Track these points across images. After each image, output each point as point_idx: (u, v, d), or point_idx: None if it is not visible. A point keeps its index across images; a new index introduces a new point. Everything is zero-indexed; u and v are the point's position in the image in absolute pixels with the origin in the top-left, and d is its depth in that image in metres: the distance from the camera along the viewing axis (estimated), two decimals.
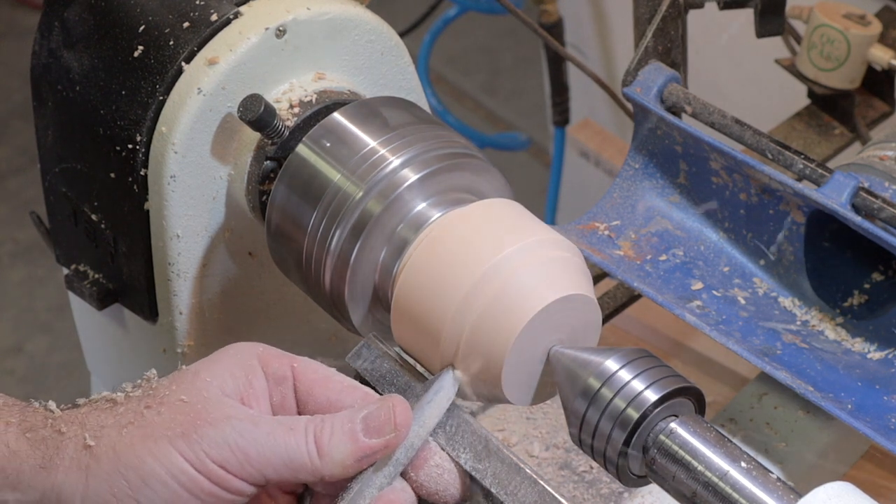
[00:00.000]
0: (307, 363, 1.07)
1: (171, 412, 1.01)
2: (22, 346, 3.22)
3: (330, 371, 1.07)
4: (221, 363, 1.05)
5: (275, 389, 1.05)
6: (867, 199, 1.30)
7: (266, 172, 1.23)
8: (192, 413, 1.01)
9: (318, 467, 1.01)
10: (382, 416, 1.03)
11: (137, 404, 1.02)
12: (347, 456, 1.01)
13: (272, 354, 1.06)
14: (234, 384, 1.04)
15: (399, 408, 1.03)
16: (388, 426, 1.03)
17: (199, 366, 1.05)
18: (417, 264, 1.10)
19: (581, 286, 1.08)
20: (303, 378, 1.06)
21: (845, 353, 1.35)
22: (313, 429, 1.02)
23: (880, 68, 1.61)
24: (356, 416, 1.03)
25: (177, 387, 1.03)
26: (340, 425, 1.02)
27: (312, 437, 1.01)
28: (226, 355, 1.06)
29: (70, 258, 1.38)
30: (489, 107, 3.79)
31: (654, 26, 1.43)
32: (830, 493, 0.97)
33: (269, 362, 1.05)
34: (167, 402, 1.01)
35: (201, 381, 1.03)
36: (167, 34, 1.23)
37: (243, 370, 1.04)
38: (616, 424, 1.02)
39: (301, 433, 1.01)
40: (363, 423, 1.02)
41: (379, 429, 1.02)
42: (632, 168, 1.46)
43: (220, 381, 1.03)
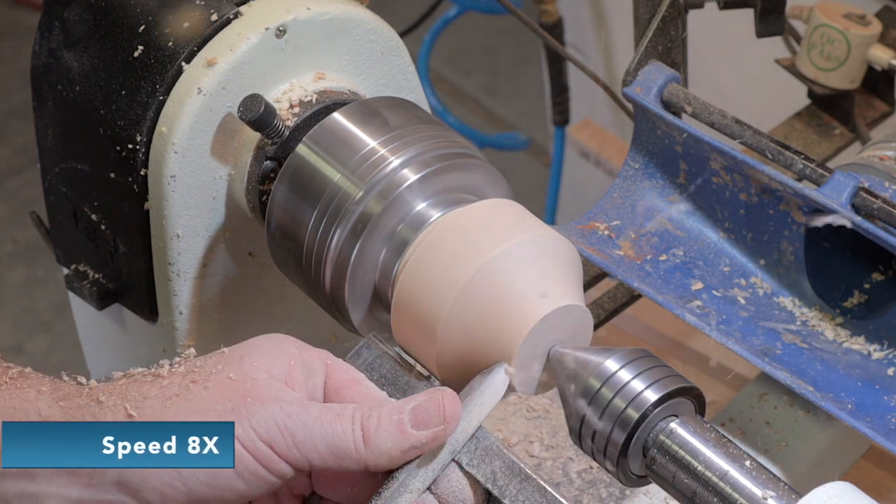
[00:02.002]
0: (339, 363, 1.06)
1: (219, 388, 1.00)
2: (22, 346, 3.22)
3: (360, 376, 1.06)
4: (265, 347, 1.04)
5: (309, 380, 1.04)
6: (867, 199, 1.30)
7: (266, 172, 1.23)
8: (242, 391, 1.00)
9: (363, 455, 1.00)
10: (431, 408, 1.02)
11: (182, 378, 1.01)
12: (393, 446, 1.01)
13: (308, 348, 1.06)
14: (280, 368, 1.02)
15: (448, 400, 1.02)
16: (437, 418, 1.02)
17: (242, 349, 1.04)
18: (418, 264, 1.10)
19: (577, 293, 1.09)
20: (333, 376, 1.05)
21: (845, 353, 1.35)
22: (360, 417, 1.01)
23: (880, 68, 1.61)
24: (405, 406, 1.02)
25: (223, 366, 1.01)
26: (388, 415, 1.01)
27: (359, 425, 1.00)
28: (267, 341, 1.05)
29: (70, 258, 1.38)
30: (489, 107, 3.79)
31: (654, 26, 1.43)
32: (830, 493, 0.97)
33: (306, 353, 1.05)
34: (214, 379, 1.00)
35: (248, 363, 1.02)
36: (167, 34, 1.23)
37: (285, 355, 1.04)
38: (616, 424, 1.02)
39: (348, 420, 1.00)
40: (411, 415, 1.01)
41: (427, 421, 1.01)
42: (632, 168, 1.46)
43: (268, 365, 1.02)
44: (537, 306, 1.06)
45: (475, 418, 1.05)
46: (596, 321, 1.52)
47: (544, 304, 1.06)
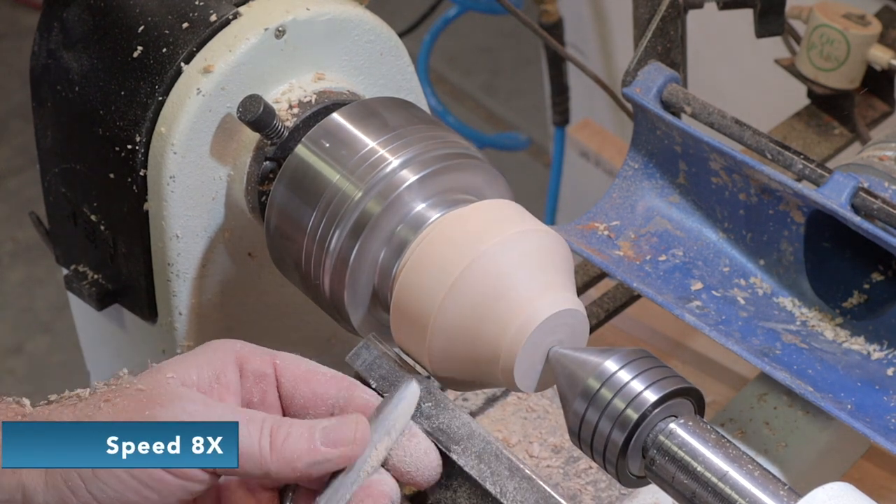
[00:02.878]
0: (289, 359, 1.07)
1: (125, 401, 1.01)
2: (22, 346, 3.22)
3: (313, 364, 1.07)
4: (189, 359, 1.05)
5: (255, 387, 1.06)
6: (867, 199, 1.30)
7: (265, 173, 1.23)
8: (146, 399, 1.01)
9: (267, 461, 1.01)
10: (343, 429, 1.03)
11: (98, 399, 1.02)
12: (299, 458, 1.02)
13: (252, 352, 1.07)
14: (199, 378, 1.04)
15: (360, 424, 1.04)
16: (347, 438, 1.03)
17: (166, 362, 1.05)
18: (417, 265, 1.10)
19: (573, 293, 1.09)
20: (286, 374, 1.06)
21: (845, 353, 1.35)
22: (270, 424, 1.02)
23: (880, 68, 1.61)
24: (317, 425, 1.03)
25: (138, 380, 1.03)
26: (299, 429, 1.02)
27: (268, 432, 1.02)
28: (198, 352, 1.06)
29: (70, 258, 1.38)
30: (489, 107, 3.79)
31: (653, 26, 1.43)
32: (830, 493, 0.97)
33: (249, 359, 1.06)
34: (124, 393, 1.02)
35: (162, 375, 1.03)
36: (166, 35, 1.23)
37: (211, 366, 1.05)
38: (615, 425, 1.02)
39: (257, 424, 1.02)
40: (322, 433, 1.03)
41: (336, 440, 1.03)
42: (631, 168, 1.46)
43: (183, 375, 1.04)
44: (538, 308, 1.07)
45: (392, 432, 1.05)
46: (596, 321, 1.52)
47: (545, 307, 1.07)
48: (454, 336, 1.08)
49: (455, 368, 1.10)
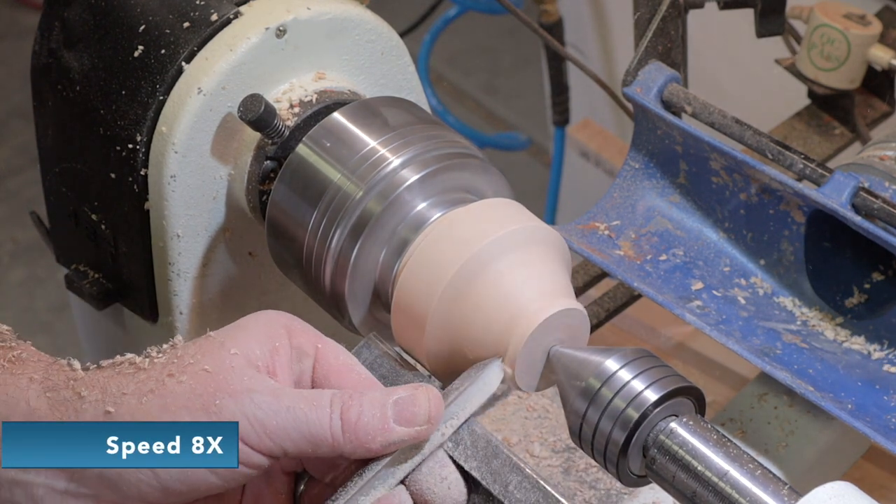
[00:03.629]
0: (331, 346, 1.05)
1: (193, 381, 0.99)
2: None
3: (352, 360, 1.05)
4: (248, 331, 1.02)
5: (295, 364, 1.03)
6: (867, 199, 1.30)
7: (266, 172, 1.24)
8: (214, 384, 0.99)
9: (340, 444, 0.99)
10: (417, 406, 1.00)
11: (160, 371, 1.00)
12: (373, 439, 0.99)
13: (299, 328, 1.04)
14: (261, 353, 1.01)
15: (434, 400, 1.01)
16: (422, 417, 1.00)
17: (224, 334, 1.02)
18: (417, 264, 1.10)
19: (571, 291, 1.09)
20: (323, 361, 1.04)
21: (845, 353, 1.35)
22: (339, 404, 0.99)
23: (880, 68, 1.61)
24: (388, 399, 1.00)
25: (202, 356, 1.00)
26: (371, 405, 0.99)
27: (339, 413, 0.99)
28: (253, 322, 1.04)
29: (70, 258, 1.38)
30: (489, 107, 3.78)
31: (654, 26, 1.43)
32: (830, 493, 0.97)
33: (296, 335, 1.04)
34: (190, 371, 0.99)
35: (227, 351, 1.00)
36: (167, 34, 1.23)
37: (270, 339, 1.02)
38: (616, 424, 1.02)
39: (325, 407, 0.99)
40: (394, 409, 1.00)
41: (411, 419, 1.00)
42: (632, 168, 1.46)
43: (247, 350, 1.01)
44: (540, 307, 1.07)
45: (462, 414, 1.03)
46: (596, 321, 1.52)
47: (547, 306, 1.07)
48: (452, 334, 1.08)
49: (454, 366, 1.10)
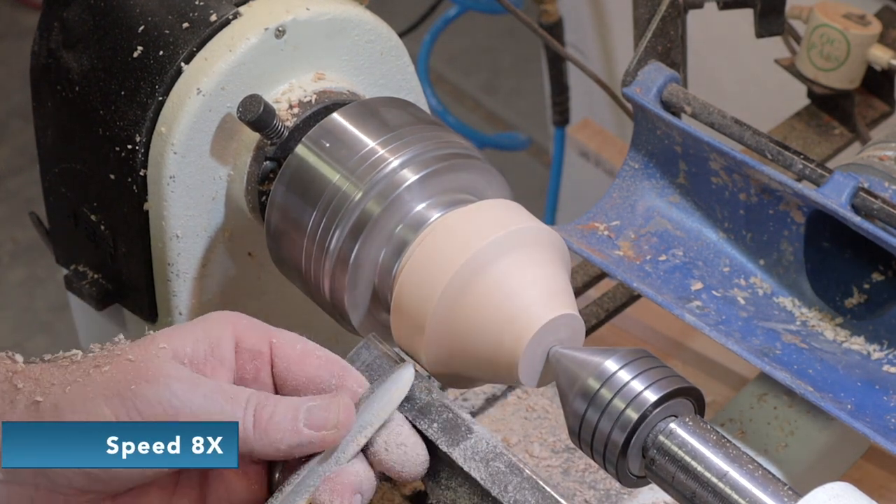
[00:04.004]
0: (286, 337, 1.07)
1: (114, 370, 1.01)
2: (22, 346, 3.22)
3: (311, 346, 1.07)
4: (186, 330, 1.05)
5: (249, 364, 1.05)
6: (867, 199, 1.30)
7: (265, 173, 1.24)
8: (133, 372, 1.01)
9: (251, 440, 1.01)
10: (329, 412, 1.03)
11: (89, 363, 1.02)
12: (282, 439, 1.02)
13: (249, 327, 1.06)
14: (193, 350, 1.03)
15: (344, 408, 1.04)
16: (331, 423, 1.03)
17: (162, 331, 1.05)
18: (417, 265, 1.10)
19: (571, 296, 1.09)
20: (281, 354, 1.06)
21: (845, 353, 1.35)
22: (255, 403, 1.02)
23: (880, 68, 1.61)
24: (302, 405, 1.03)
25: (130, 348, 1.03)
26: (284, 409, 1.02)
27: (252, 410, 1.02)
28: (196, 323, 1.06)
29: (70, 258, 1.38)
30: (489, 107, 3.78)
31: (653, 26, 1.43)
32: (830, 494, 0.97)
33: (245, 335, 1.06)
34: (114, 361, 1.02)
35: (155, 343, 1.03)
36: (167, 35, 1.23)
37: (207, 339, 1.04)
38: (615, 425, 1.02)
39: (241, 403, 1.02)
40: (307, 413, 1.03)
41: (320, 424, 1.03)
42: (631, 168, 1.46)
43: (177, 346, 1.03)
44: (542, 310, 1.07)
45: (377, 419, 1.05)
46: (596, 321, 1.52)
47: (548, 310, 1.07)
48: (452, 334, 1.08)
49: (453, 366, 1.10)
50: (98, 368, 1.02)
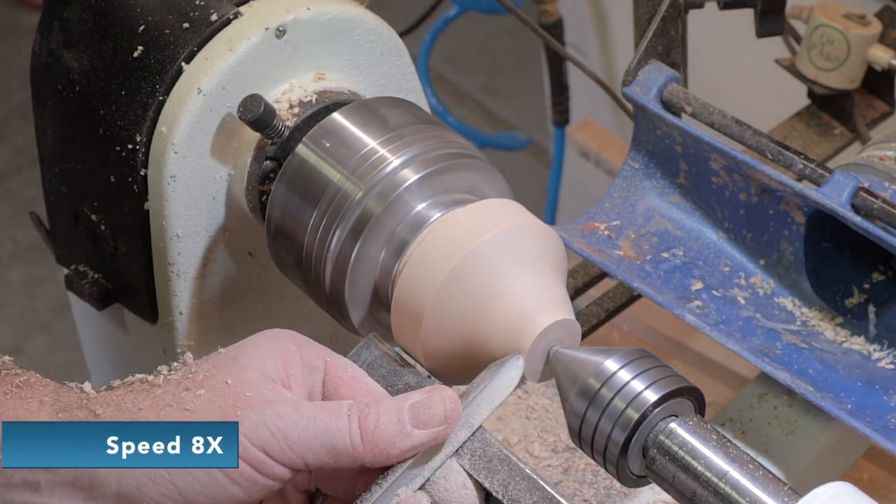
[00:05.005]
0: (339, 360, 1.05)
1: (211, 395, 0.99)
2: (22, 346, 3.22)
3: (360, 373, 1.05)
4: (260, 346, 1.03)
5: (307, 377, 1.03)
6: (867, 199, 1.30)
7: (266, 172, 1.24)
8: (233, 396, 0.99)
9: (360, 453, 0.99)
10: (433, 409, 1.00)
11: (176, 387, 1.00)
12: (392, 445, 0.99)
13: (308, 343, 1.05)
14: (274, 366, 1.02)
15: (450, 401, 1.01)
16: (438, 419, 1.00)
17: (236, 349, 1.03)
18: (417, 265, 1.10)
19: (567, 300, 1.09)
20: (332, 374, 1.04)
21: (845, 353, 1.35)
22: (357, 414, 1.00)
23: (880, 68, 1.61)
24: (404, 403, 1.00)
25: (216, 370, 1.01)
26: (387, 413, 1.00)
27: (357, 422, 0.99)
28: (264, 338, 1.04)
29: (70, 258, 1.38)
30: (489, 107, 3.78)
31: (654, 26, 1.43)
32: (830, 493, 0.97)
33: (305, 350, 1.04)
34: (207, 385, 1.00)
35: (241, 364, 1.01)
36: (167, 34, 1.23)
37: (282, 353, 1.03)
38: (616, 424, 1.02)
39: (344, 418, 0.99)
40: (411, 413, 1.00)
41: (428, 421, 1.00)
42: (632, 168, 1.46)
43: (261, 363, 1.01)
44: (542, 312, 1.07)
45: (480, 414, 1.03)
46: (596, 321, 1.52)
47: (549, 312, 1.07)
48: (450, 332, 1.08)
49: (451, 365, 1.11)
50: (190, 392, 1.00)
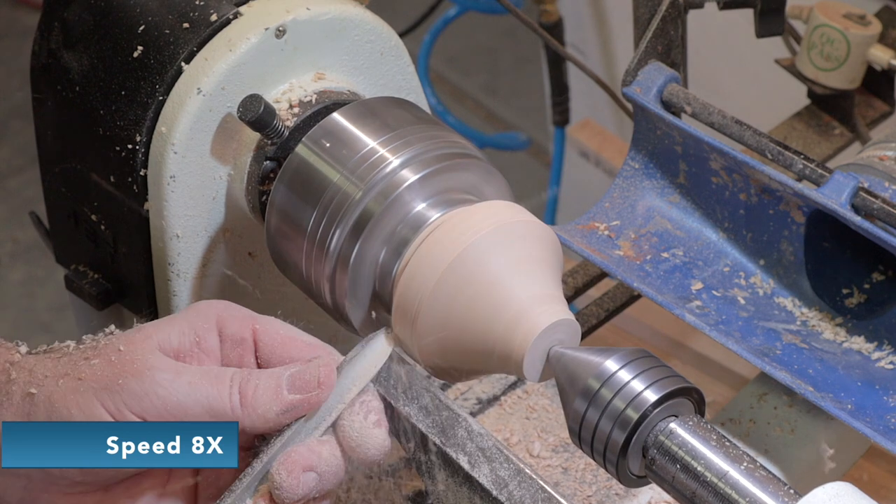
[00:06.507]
0: (270, 324, 1.09)
1: (103, 363, 1.03)
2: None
3: (294, 331, 1.09)
4: (172, 322, 1.07)
5: (232, 350, 1.08)
6: (867, 199, 1.30)
7: (266, 172, 1.23)
8: (119, 365, 1.03)
9: (240, 417, 1.03)
10: (308, 375, 1.05)
11: (80, 355, 1.04)
12: (269, 409, 1.04)
13: (232, 315, 1.08)
14: (179, 342, 1.06)
15: (324, 368, 1.06)
16: (312, 384, 1.05)
17: (150, 323, 1.07)
18: (417, 265, 1.10)
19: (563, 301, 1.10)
20: (265, 339, 1.08)
21: (845, 353, 1.35)
22: (239, 380, 1.04)
23: (880, 68, 1.61)
24: (284, 372, 1.05)
25: (117, 340, 1.05)
26: (266, 380, 1.05)
27: (237, 388, 1.04)
28: (182, 314, 1.08)
29: (70, 258, 1.38)
30: (489, 107, 3.78)
31: (654, 26, 1.43)
32: (830, 493, 0.97)
33: (228, 323, 1.08)
34: (102, 354, 1.04)
35: (142, 335, 1.05)
36: (167, 34, 1.23)
37: (193, 329, 1.07)
38: (615, 425, 1.02)
39: (226, 384, 1.04)
40: (288, 380, 1.05)
41: (302, 386, 1.05)
42: (632, 168, 1.46)
43: (163, 337, 1.05)
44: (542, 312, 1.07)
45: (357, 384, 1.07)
46: (596, 321, 1.52)
47: (548, 312, 1.07)
48: (446, 330, 1.08)
49: (449, 365, 1.11)
50: (87, 361, 1.03)
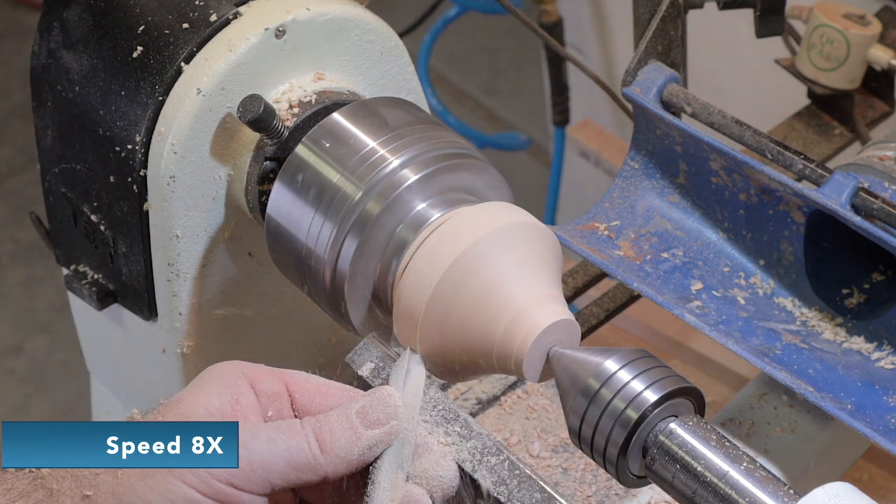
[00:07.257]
0: (297, 375, 1.07)
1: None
2: (22, 346, 3.22)
3: (321, 380, 1.07)
4: (204, 387, 1.04)
5: (269, 405, 1.05)
6: (867, 199, 1.30)
7: (265, 172, 1.23)
8: None
9: (322, 464, 1.01)
10: (379, 407, 1.03)
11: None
12: (350, 451, 1.02)
13: (260, 371, 1.06)
14: (220, 402, 1.03)
15: (392, 396, 1.04)
16: (386, 415, 1.03)
17: (181, 394, 1.04)
18: (417, 265, 1.10)
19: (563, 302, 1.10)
20: (299, 390, 1.06)
21: (845, 353, 1.35)
22: (312, 427, 1.02)
23: (880, 68, 1.61)
24: (350, 410, 1.03)
25: (162, 417, 1.02)
26: (338, 421, 1.02)
27: (313, 436, 1.01)
28: (208, 378, 1.05)
29: (70, 258, 1.38)
30: (489, 107, 3.79)
31: (653, 26, 1.43)
32: (830, 493, 0.97)
33: (259, 379, 1.05)
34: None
35: (186, 406, 1.02)
36: (167, 35, 1.23)
37: (228, 389, 1.04)
38: (615, 425, 1.02)
39: (301, 433, 1.01)
40: (360, 416, 1.03)
41: (377, 420, 1.03)
42: (631, 168, 1.46)
43: (205, 403, 1.03)
44: (542, 312, 1.07)
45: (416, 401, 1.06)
46: (596, 321, 1.52)
47: (549, 313, 1.07)
48: (446, 331, 1.08)
49: (449, 365, 1.11)
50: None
